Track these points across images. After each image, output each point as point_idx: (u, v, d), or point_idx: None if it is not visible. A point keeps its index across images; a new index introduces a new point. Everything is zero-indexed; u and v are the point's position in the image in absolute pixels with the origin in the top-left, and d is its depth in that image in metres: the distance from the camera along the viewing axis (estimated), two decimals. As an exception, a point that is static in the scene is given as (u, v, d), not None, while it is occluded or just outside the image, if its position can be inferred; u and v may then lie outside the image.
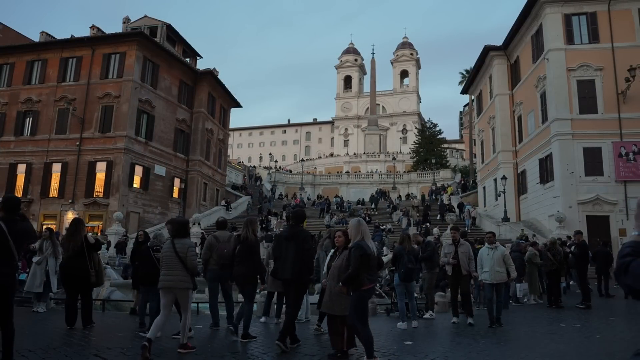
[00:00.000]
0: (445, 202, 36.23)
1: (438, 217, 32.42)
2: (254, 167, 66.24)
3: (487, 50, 31.16)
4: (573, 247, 13.36)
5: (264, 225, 29.84)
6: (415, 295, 9.91)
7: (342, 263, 5.65)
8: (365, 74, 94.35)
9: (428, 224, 29.50)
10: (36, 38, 36.02)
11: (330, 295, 5.72)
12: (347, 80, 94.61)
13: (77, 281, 7.60)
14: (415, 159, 57.70)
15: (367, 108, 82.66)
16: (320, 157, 76.62)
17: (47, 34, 35.62)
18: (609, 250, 15.39)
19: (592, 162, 22.68)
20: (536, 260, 12.75)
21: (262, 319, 8.64)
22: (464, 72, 53.68)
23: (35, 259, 9.55)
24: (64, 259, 8.01)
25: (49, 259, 9.54)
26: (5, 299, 4.66)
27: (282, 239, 6.68)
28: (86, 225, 15.64)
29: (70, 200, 28.22)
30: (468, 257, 8.81)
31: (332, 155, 78.78)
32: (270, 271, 8.71)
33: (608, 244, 16.56)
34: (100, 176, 28.56)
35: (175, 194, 33.54)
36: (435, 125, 60.64)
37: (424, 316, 9.90)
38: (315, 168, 67.71)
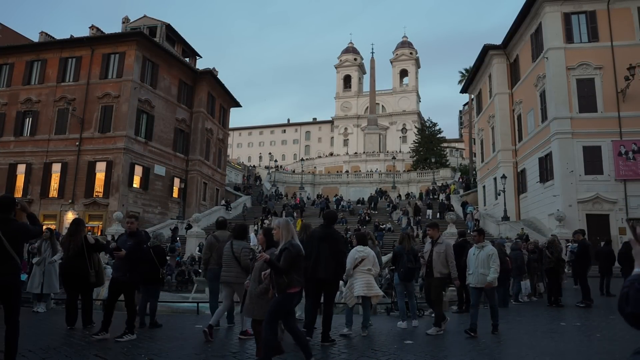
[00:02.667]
0: (445, 201, 36.19)
1: (438, 216, 32.40)
2: (254, 166, 66.25)
3: (487, 49, 31.16)
4: (569, 245, 13.32)
5: (258, 225, 29.95)
6: (415, 294, 9.90)
7: (263, 264, 5.25)
8: (364, 73, 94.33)
9: (419, 217, 29.76)
10: (35, 38, 36.02)
11: (250, 298, 5.43)
12: (347, 80, 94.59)
13: (77, 281, 7.59)
14: (415, 158, 57.68)
15: (367, 107, 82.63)
16: (320, 157, 76.59)
17: (46, 34, 35.61)
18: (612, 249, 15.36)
19: (592, 160, 22.69)
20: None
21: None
22: (464, 71, 53.62)
23: (34, 260, 9.56)
24: (64, 259, 7.98)
25: (47, 259, 9.55)
26: (7, 298, 4.66)
27: (314, 239, 6.83)
28: (86, 225, 15.59)
29: (70, 201, 28.22)
30: (444, 258, 7.82)
31: (331, 154, 78.73)
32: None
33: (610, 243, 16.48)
34: (100, 176, 28.56)
35: (175, 194, 33.54)
36: (434, 125, 60.64)
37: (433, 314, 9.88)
38: (315, 167, 67.68)
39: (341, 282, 7.94)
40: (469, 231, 24.92)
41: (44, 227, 15.23)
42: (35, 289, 9.40)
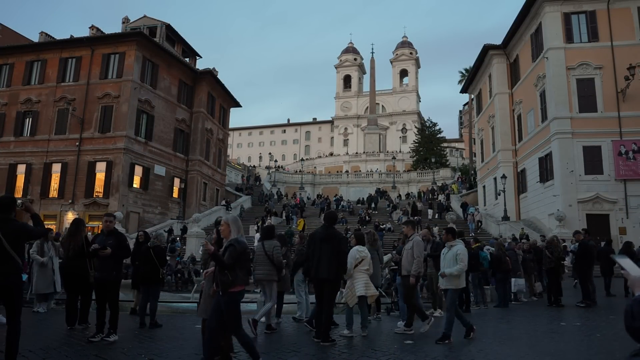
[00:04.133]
0: (444, 201, 36.05)
1: (436, 216, 32.41)
2: (254, 166, 66.27)
3: (487, 49, 31.16)
4: (566, 244, 13.30)
5: (258, 225, 29.99)
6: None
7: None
8: (364, 73, 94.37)
9: (419, 217, 29.84)
10: (35, 38, 36.02)
11: (204, 299, 5.35)
12: (347, 80, 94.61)
13: (77, 281, 7.56)
14: (415, 158, 57.71)
15: (367, 107, 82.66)
16: (320, 157, 76.62)
17: (46, 34, 35.61)
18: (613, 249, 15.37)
19: (592, 160, 22.69)
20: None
21: (263, 319, 8.64)
22: (464, 71, 53.63)
23: (38, 261, 9.51)
24: (64, 259, 7.95)
25: (53, 259, 9.57)
26: (8, 298, 4.65)
27: (316, 240, 6.92)
28: (86, 225, 15.54)
29: (70, 201, 28.22)
30: (411, 255, 7.54)
31: (331, 154, 78.75)
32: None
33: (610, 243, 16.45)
34: (100, 176, 28.56)
35: (175, 194, 33.54)
36: (434, 125, 60.68)
37: (434, 314, 9.88)
38: (315, 167, 67.69)
39: None
40: (471, 234, 24.86)
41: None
42: (46, 289, 9.39)
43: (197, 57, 40.94)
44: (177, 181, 33.72)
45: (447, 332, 6.75)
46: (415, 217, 30.95)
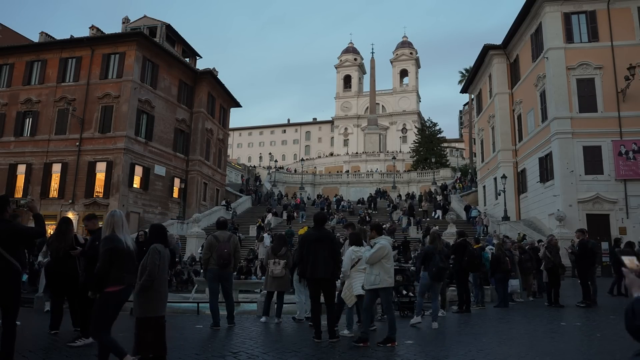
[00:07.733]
0: (441, 202, 35.81)
1: (434, 216, 32.37)
2: (254, 167, 66.31)
3: (487, 49, 31.15)
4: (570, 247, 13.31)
5: (257, 224, 30.03)
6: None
7: (145, 261, 5.10)
8: (365, 73, 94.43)
9: (412, 218, 29.85)
10: (35, 38, 36.01)
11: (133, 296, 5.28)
12: (347, 80, 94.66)
13: (66, 281, 7.13)
14: (415, 158, 57.73)
15: (367, 107, 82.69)
16: (320, 157, 76.69)
17: (46, 34, 35.61)
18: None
19: (592, 160, 22.68)
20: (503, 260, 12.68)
21: (263, 319, 8.66)
22: (464, 71, 53.72)
23: (44, 261, 9.47)
24: (53, 260, 7.41)
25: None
26: (2, 299, 4.60)
27: (310, 241, 7.03)
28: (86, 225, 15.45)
29: (70, 201, 28.21)
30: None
31: (331, 154, 78.81)
32: (270, 270, 8.75)
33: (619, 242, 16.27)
34: (100, 176, 28.54)
35: (175, 194, 33.53)
36: (435, 125, 60.70)
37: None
38: (315, 167, 67.72)
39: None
40: (477, 237, 24.35)
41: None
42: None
43: (197, 57, 40.95)
44: (177, 181, 33.70)
45: (390, 335, 6.50)
46: (417, 217, 30.96)
